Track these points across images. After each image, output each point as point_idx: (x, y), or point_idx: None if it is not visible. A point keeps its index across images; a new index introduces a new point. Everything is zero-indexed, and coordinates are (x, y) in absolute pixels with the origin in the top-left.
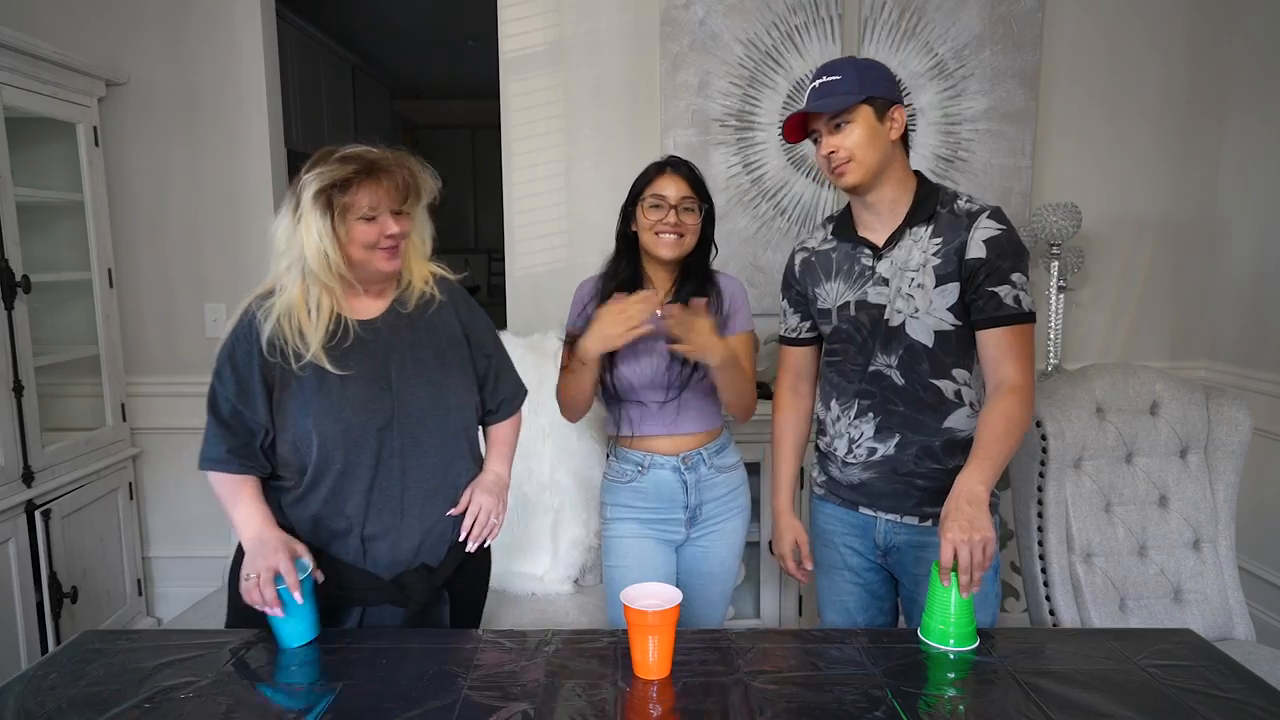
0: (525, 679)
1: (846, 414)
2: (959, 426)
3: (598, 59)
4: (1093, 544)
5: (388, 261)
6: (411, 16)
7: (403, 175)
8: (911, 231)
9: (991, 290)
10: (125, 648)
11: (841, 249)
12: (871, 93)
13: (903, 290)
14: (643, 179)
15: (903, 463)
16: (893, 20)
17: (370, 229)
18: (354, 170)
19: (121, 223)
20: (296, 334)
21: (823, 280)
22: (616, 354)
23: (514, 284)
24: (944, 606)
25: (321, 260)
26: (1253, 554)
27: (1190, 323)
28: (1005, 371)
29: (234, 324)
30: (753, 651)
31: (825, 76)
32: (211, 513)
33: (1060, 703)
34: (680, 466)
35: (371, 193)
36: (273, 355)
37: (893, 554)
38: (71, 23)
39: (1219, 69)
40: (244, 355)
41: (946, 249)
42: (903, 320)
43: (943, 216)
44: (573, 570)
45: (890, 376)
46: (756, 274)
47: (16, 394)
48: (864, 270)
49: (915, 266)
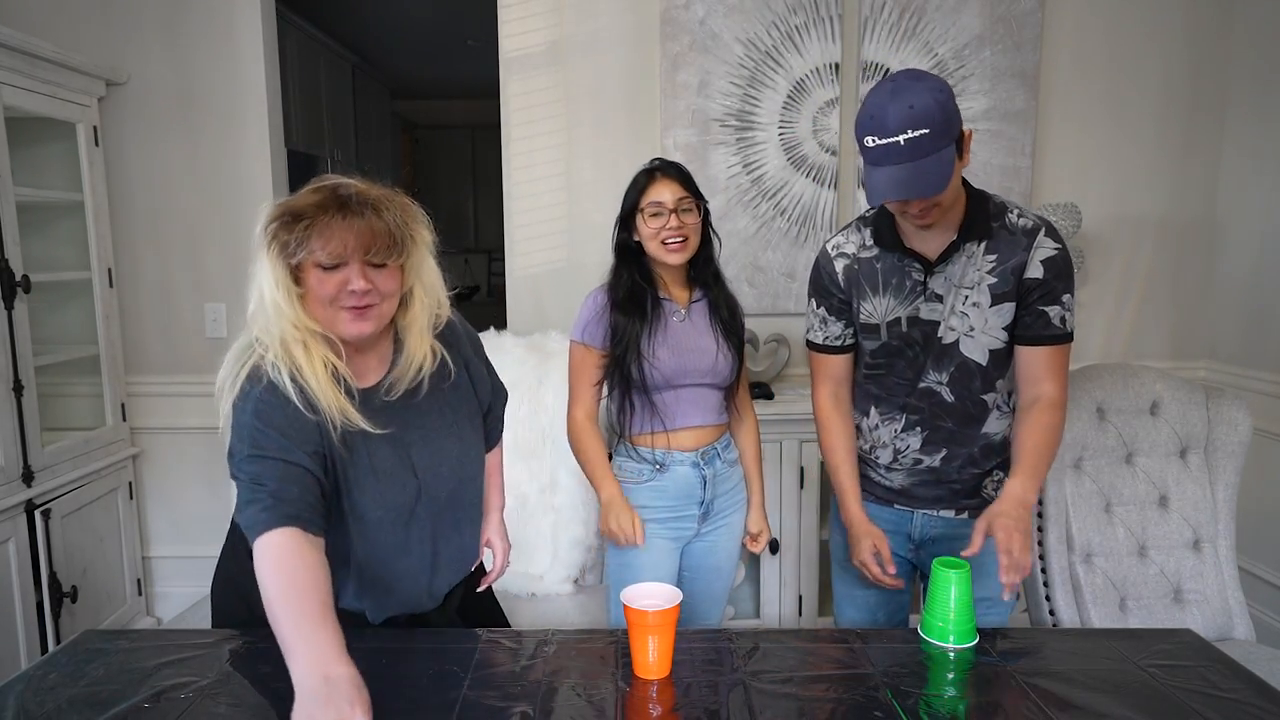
0: (525, 679)
1: (888, 425)
2: (993, 430)
3: (598, 59)
4: (1093, 544)
5: (352, 324)
6: (411, 16)
7: (391, 217)
8: (965, 247)
9: (1042, 309)
10: (125, 647)
11: (887, 260)
12: (957, 130)
13: (957, 308)
14: (635, 189)
15: (947, 473)
16: (893, 20)
17: (328, 281)
18: (315, 202)
19: (121, 222)
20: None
21: (869, 294)
22: (656, 342)
23: (514, 284)
24: (944, 604)
25: (276, 311)
26: (1253, 554)
27: (1190, 323)
28: (1046, 388)
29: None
30: (753, 651)
31: (911, 131)
32: (211, 513)
33: (1060, 703)
34: (699, 461)
35: (334, 235)
36: (314, 414)
37: (926, 547)
38: (71, 22)
39: (1219, 69)
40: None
41: (1003, 268)
42: (956, 338)
43: (998, 233)
44: (573, 570)
45: (940, 393)
46: (756, 274)
47: (16, 394)
48: (915, 285)
49: (970, 284)
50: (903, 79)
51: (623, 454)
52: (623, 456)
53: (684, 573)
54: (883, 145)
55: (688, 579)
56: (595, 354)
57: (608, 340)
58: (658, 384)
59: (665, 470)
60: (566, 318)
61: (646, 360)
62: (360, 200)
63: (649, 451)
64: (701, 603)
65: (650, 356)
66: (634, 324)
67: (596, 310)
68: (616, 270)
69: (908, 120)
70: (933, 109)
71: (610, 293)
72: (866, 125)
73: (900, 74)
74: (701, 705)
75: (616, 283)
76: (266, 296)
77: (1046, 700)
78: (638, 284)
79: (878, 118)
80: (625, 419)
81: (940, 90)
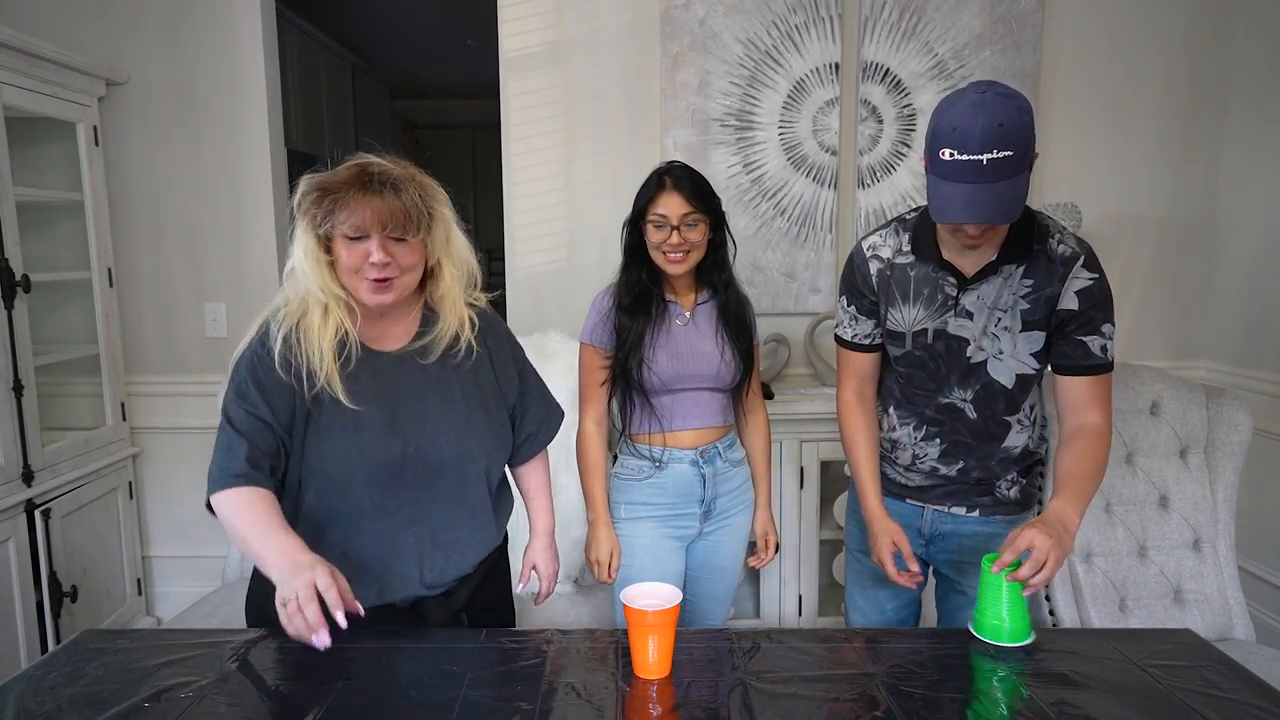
0: (525, 679)
1: (907, 428)
2: (1013, 444)
3: (598, 59)
4: (1093, 544)
5: (373, 294)
6: (411, 16)
7: (409, 196)
8: (1004, 269)
9: (1080, 339)
10: (125, 647)
11: (921, 269)
12: (1033, 152)
13: (989, 329)
14: (645, 193)
15: (962, 479)
16: (893, 20)
17: (353, 252)
18: (343, 179)
19: (121, 222)
20: (308, 352)
21: (899, 301)
22: (656, 345)
23: (514, 284)
24: (996, 602)
25: (304, 276)
26: (1253, 554)
27: (1190, 323)
28: (1091, 417)
29: (250, 338)
30: (753, 651)
31: (996, 151)
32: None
33: (1060, 703)
34: (699, 460)
35: (359, 209)
36: (287, 374)
37: (936, 541)
38: (71, 22)
39: (1219, 68)
40: (265, 371)
41: (1037, 295)
42: (985, 359)
43: (1038, 257)
44: (573, 570)
45: (964, 410)
46: (756, 274)
47: (16, 393)
48: (947, 299)
49: (1004, 306)
50: (991, 94)
51: (624, 451)
52: (624, 454)
53: (687, 572)
54: (962, 161)
55: (691, 579)
56: (602, 355)
57: (613, 341)
58: (655, 387)
59: (664, 467)
60: (566, 318)
61: (645, 363)
62: (383, 179)
63: (647, 449)
64: (705, 603)
65: (649, 359)
66: (637, 325)
67: (603, 312)
68: (624, 270)
69: (995, 139)
70: (1020, 130)
71: (616, 294)
72: (948, 137)
73: (987, 87)
74: (701, 705)
75: (623, 283)
76: (297, 262)
77: (1046, 700)
78: (644, 285)
79: (962, 130)
80: (626, 417)
81: (1027, 111)
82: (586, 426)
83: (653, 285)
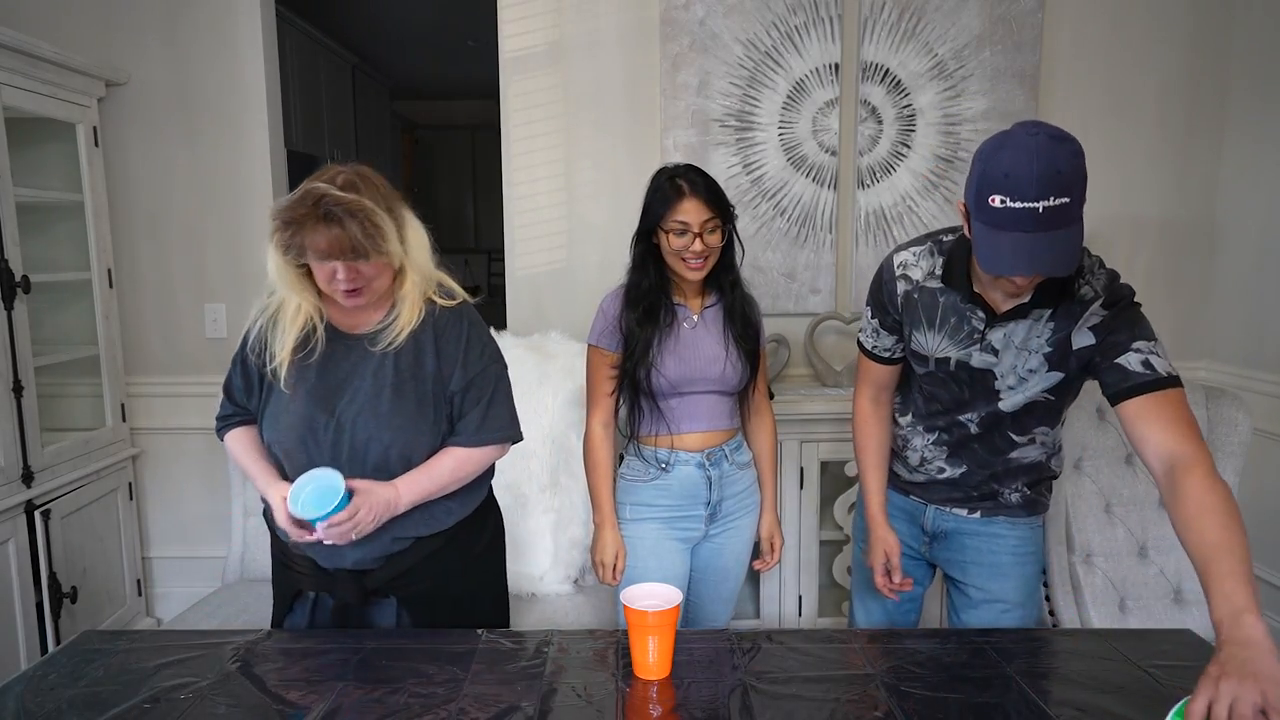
0: (525, 679)
1: (917, 430)
2: (1020, 456)
3: (598, 59)
4: (1093, 544)
5: (347, 300)
6: (411, 16)
7: (352, 228)
8: (1034, 311)
9: (1114, 363)
10: (125, 648)
11: (949, 299)
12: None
13: (1018, 368)
14: (662, 201)
15: (966, 483)
16: (893, 20)
17: (322, 270)
18: (301, 214)
19: (121, 223)
20: (273, 337)
21: (924, 326)
22: (664, 349)
23: (514, 284)
24: None
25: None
26: (1253, 554)
27: (1190, 323)
28: (1174, 448)
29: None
30: (753, 651)
31: (1054, 198)
32: (211, 513)
33: (1060, 703)
34: (705, 462)
35: (317, 239)
36: (254, 353)
37: (939, 540)
38: (71, 23)
39: (1219, 69)
40: (243, 348)
41: (1058, 337)
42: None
43: (1064, 302)
44: (573, 570)
45: (969, 427)
46: (756, 274)
47: (16, 394)
48: (973, 333)
49: (1032, 349)
50: (1044, 137)
51: (631, 453)
52: (631, 456)
53: (692, 574)
54: (1015, 209)
55: (695, 580)
56: (610, 359)
57: (621, 346)
58: (664, 390)
59: (670, 470)
60: (566, 318)
61: (654, 367)
62: (334, 211)
63: (653, 451)
64: (709, 604)
65: (658, 364)
66: (646, 330)
67: (612, 317)
68: (633, 274)
69: (1052, 186)
70: (1076, 176)
71: (625, 297)
72: (999, 184)
73: (1037, 128)
74: (701, 706)
75: (632, 287)
76: (271, 275)
77: (1046, 700)
78: (653, 289)
79: (1015, 177)
80: (634, 422)
81: (1080, 155)
82: (594, 429)
83: (662, 292)
